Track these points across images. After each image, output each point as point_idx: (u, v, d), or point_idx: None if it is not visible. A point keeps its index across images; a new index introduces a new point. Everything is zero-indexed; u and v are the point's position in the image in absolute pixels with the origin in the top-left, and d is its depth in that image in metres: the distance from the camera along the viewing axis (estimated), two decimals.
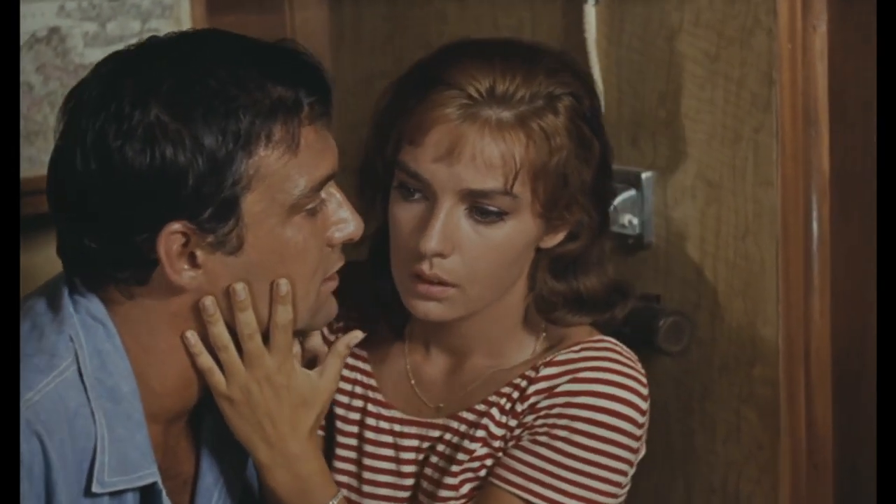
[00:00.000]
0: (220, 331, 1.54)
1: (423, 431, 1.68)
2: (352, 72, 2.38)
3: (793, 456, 1.82)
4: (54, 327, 1.51)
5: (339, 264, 1.59)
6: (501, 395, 1.65)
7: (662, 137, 1.89)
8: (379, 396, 1.71)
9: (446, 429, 1.67)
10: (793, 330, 1.79)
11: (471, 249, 1.58)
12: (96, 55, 2.10)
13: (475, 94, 1.56)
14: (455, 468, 1.64)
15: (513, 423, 1.63)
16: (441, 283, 1.58)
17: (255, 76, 1.49)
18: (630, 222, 1.92)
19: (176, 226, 1.47)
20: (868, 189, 1.70)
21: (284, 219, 1.51)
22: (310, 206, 1.52)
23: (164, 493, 1.53)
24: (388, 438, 1.69)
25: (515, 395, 1.64)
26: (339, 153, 1.57)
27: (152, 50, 1.53)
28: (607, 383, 1.60)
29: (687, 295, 1.89)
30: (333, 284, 1.59)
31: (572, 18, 1.97)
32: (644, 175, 1.91)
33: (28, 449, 1.44)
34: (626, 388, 1.60)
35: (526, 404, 1.62)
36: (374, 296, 1.71)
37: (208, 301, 1.52)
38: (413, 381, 1.71)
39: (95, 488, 1.49)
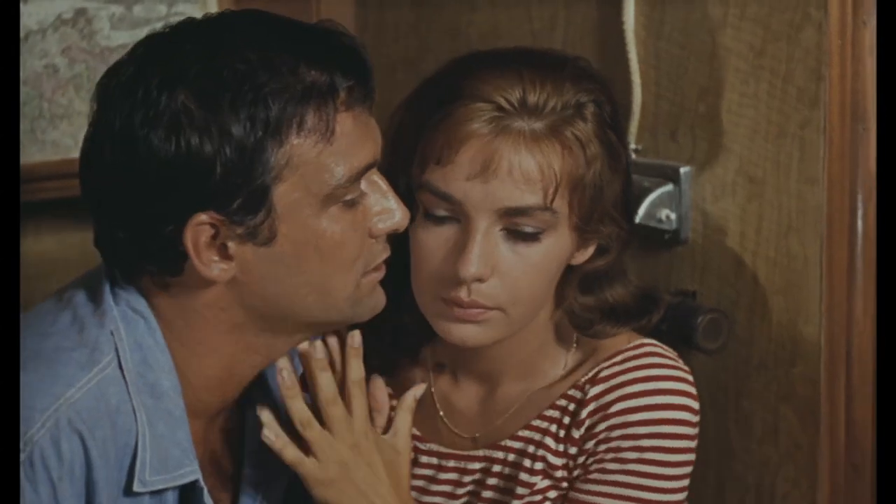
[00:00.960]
0: (299, 406, 1.49)
1: (462, 465, 1.62)
2: (375, 59, 2.34)
3: (831, 456, 1.80)
4: (95, 320, 1.47)
5: (384, 255, 1.53)
6: (548, 419, 1.60)
7: (702, 132, 1.87)
8: (414, 431, 1.63)
9: (488, 460, 1.61)
10: (835, 329, 1.77)
11: (510, 271, 1.51)
12: (122, 38, 2.08)
13: (506, 106, 1.49)
14: (515, 503, 1.59)
15: (572, 450, 1.58)
16: (482, 308, 1.51)
17: (287, 59, 1.42)
18: (667, 217, 1.90)
19: (203, 217, 1.42)
20: None
21: (319, 209, 1.45)
22: (348, 198, 1.46)
23: (205, 490, 1.50)
24: (428, 472, 1.63)
25: (566, 419, 1.59)
26: None
27: (185, 32, 1.47)
28: (659, 393, 1.56)
29: (724, 291, 1.87)
30: (378, 276, 1.53)
31: (609, 10, 1.95)
32: (682, 169, 1.88)
33: (69, 448, 1.41)
34: (678, 394, 1.57)
35: (582, 429, 1.57)
36: (388, 322, 1.62)
37: (285, 374, 1.48)
38: (442, 412, 1.65)
39: (137, 487, 1.45)
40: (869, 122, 1.74)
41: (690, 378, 1.60)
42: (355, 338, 1.52)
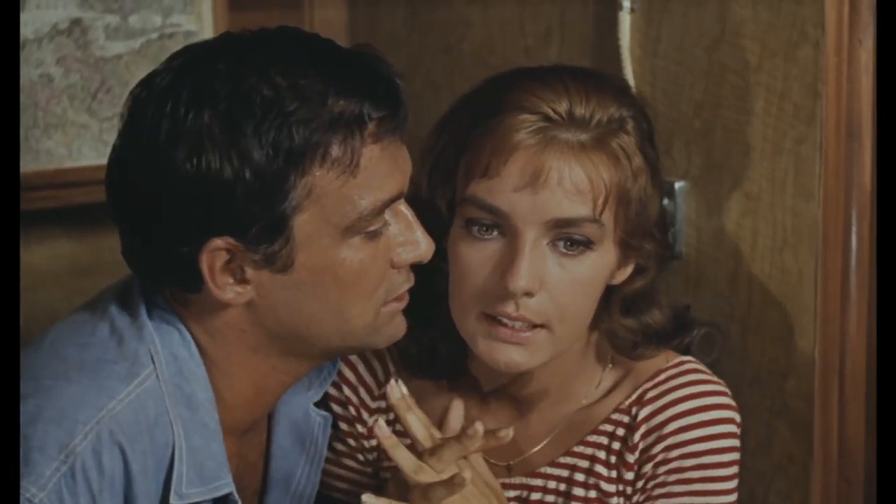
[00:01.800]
0: (404, 454, 1.45)
1: None
2: None
3: (824, 470, 1.81)
4: (133, 333, 1.46)
5: (407, 285, 1.50)
6: (593, 445, 1.59)
7: (697, 147, 1.88)
8: None
9: (525, 488, 1.60)
10: (829, 344, 1.79)
11: (557, 285, 1.49)
12: (117, 48, 2.08)
13: (554, 116, 1.48)
14: None
15: (628, 475, 1.57)
16: (527, 323, 1.49)
17: (317, 86, 1.40)
18: None
19: (219, 242, 1.41)
20: None
21: (340, 240, 1.43)
22: (371, 229, 1.44)
23: (239, 503, 1.49)
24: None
25: (616, 444, 1.58)
26: None
27: (221, 48, 1.45)
28: (710, 409, 1.57)
29: (718, 306, 1.88)
30: (400, 305, 1.50)
31: (605, 25, 1.96)
32: (677, 185, 1.90)
33: (110, 460, 1.40)
34: (725, 408, 1.58)
35: (637, 453, 1.57)
36: (413, 346, 1.61)
37: (381, 430, 1.46)
38: None
39: (174, 500, 1.44)
40: (864, 139, 1.76)
41: (728, 390, 1.60)
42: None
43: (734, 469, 1.58)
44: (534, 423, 1.61)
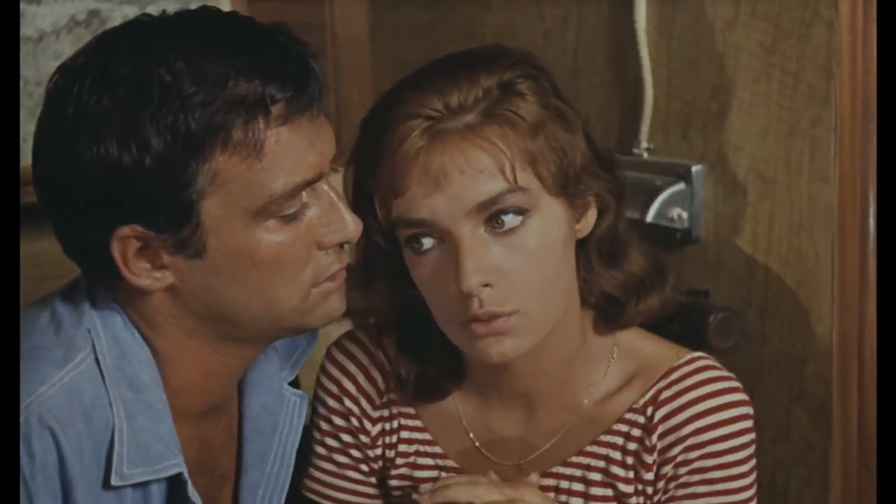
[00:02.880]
0: None
1: None
2: (389, 60, 2.35)
3: (843, 456, 1.79)
4: (72, 320, 1.47)
5: (338, 266, 1.47)
6: (607, 445, 1.57)
7: (714, 130, 1.86)
8: (450, 463, 1.61)
9: (540, 488, 1.56)
10: (847, 328, 1.76)
11: (513, 267, 1.46)
12: None
13: (433, 114, 1.45)
14: None
15: (648, 475, 1.56)
16: (499, 315, 1.46)
17: (218, 69, 1.36)
18: (679, 216, 1.89)
19: (126, 230, 1.39)
20: None
21: (252, 224, 1.40)
22: (286, 213, 1.41)
23: (189, 483, 1.48)
24: None
25: (632, 445, 1.56)
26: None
27: (131, 31, 1.43)
28: (727, 407, 1.55)
29: (736, 291, 1.86)
30: (333, 285, 1.47)
31: (621, 9, 1.95)
32: (694, 168, 1.88)
33: (41, 445, 1.40)
34: (741, 404, 1.56)
35: (655, 454, 1.55)
36: (404, 370, 1.60)
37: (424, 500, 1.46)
38: (477, 443, 1.61)
39: (114, 481, 1.44)
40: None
41: (739, 383, 1.59)
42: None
43: (752, 463, 1.57)
44: (542, 420, 1.59)
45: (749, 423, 1.56)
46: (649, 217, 1.87)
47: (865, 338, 1.77)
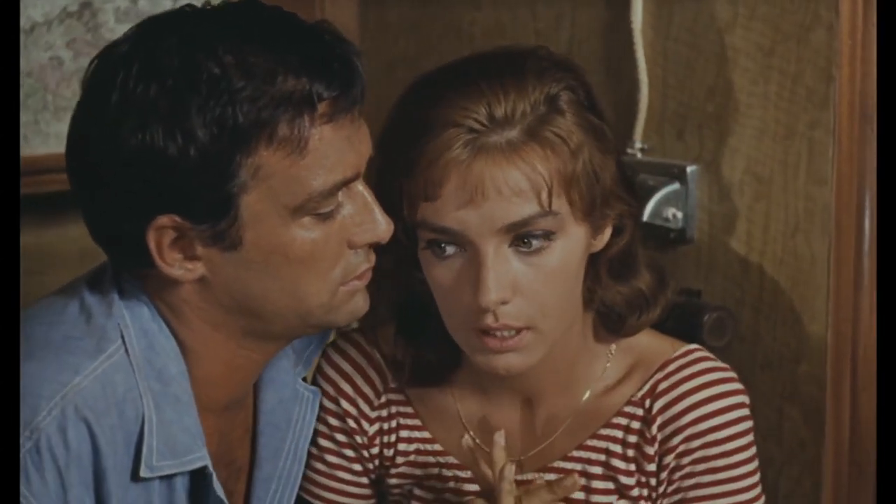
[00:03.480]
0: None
1: None
2: (375, 56, 2.34)
3: (836, 455, 1.81)
4: (102, 310, 1.46)
5: (367, 265, 1.48)
6: (607, 438, 1.58)
7: (709, 131, 1.87)
8: (450, 459, 1.61)
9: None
10: (841, 328, 1.78)
11: (531, 285, 1.46)
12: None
13: (476, 126, 1.44)
14: None
15: (650, 467, 1.57)
16: (512, 330, 1.47)
17: (266, 64, 1.38)
18: (673, 216, 1.90)
19: (164, 220, 1.40)
20: None
21: (289, 220, 1.41)
22: (322, 210, 1.42)
23: (213, 476, 1.49)
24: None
25: (631, 438, 1.57)
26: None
27: (177, 21, 1.44)
28: (724, 396, 1.57)
29: (729, 290, 1.88)
30: (360, 284, 1.49)
31: (617, 8, 1.95)
32: (689, 169, 1.89)
33: (76, 435, 1.40)
34: (738, 393, 1.58)
35: (656, 445, 1.56)
36: (401, 355, 1.60)
37: None
38: (478, 440, 1.60)
39: (144, 472, 1.45)
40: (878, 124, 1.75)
41: (735, 374, 1.60)
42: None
43: (754, 451, 1.59)
44: (542, 416, 1.60)
45: (746, 412, 1.58)
46: (644, 217, 1.88)
47: (860, 338, 1.79)
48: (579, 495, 1.58)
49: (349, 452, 1.65)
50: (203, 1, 1.49)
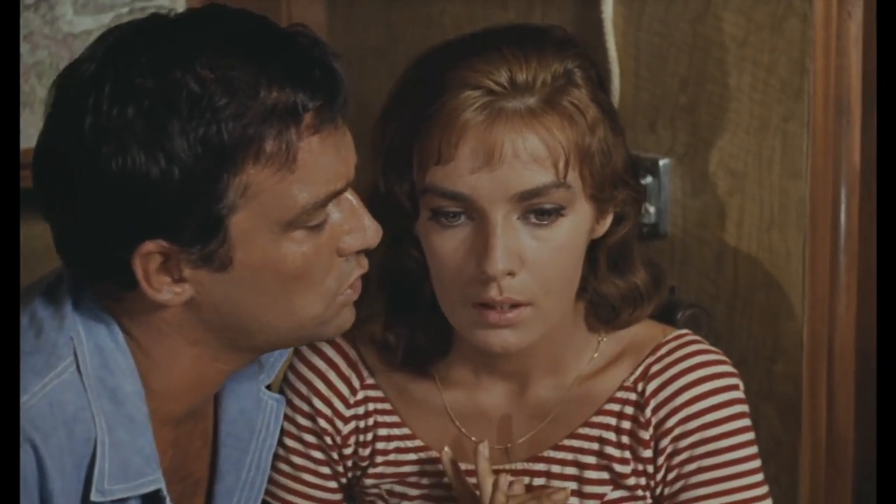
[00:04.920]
0: None
1: None
2: (345, 47, 2.31)
3: (812, 454, 1.78)
4: (54, 324, 1.41)
5: (359, 272, 1.45)
6: (599, 426, 1.55)
7: (682, 124, 1.84)
8: (433, 454, 1.57)
9: (529, 473, 1.55)
10: (817, 326, 1.75)
11: (537, 259, 1.45)
12: (86, 23, 2.02)
13: (496, 88, 1.43)
14: None
15: (646, 453, 1.53)
16: (514, 305, 1.45)
17: (246, 76, 1.32)
18: (646, 210, 1.87)
19: (151, 245, 1.34)
20: None
21: (280, 235, 1.37)
22: (313, 223, 1.38)
23: (167, 500, 1.44)
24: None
25: (625, 424, 1.54)
26: None
27: (147, 36, 1.37)
28: (718, 377, 1.54)
29: (704, 287, 1.85)
30: (353, 295, 1.45)
31: None
32: (662, 162, 1.86)
33: (22, 458, 1.34)
34: (731, 375, 1.55)
35: (650, 429, 1.53)
36: (392, 337, 1.57)
37: None
38: (464, 429, 1.57)
39: (95, 497, 1.39)
40: (853, 116, 1.72)
41: (727, 357, 1.58)
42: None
43: (752, 434, 1.55)
44: (530, 402, 1.57)
45: (742, 395, 1.55)
46: None
47: (836, 336, 1.77)
48: (572, 485, 1.55)
49: (317, 454, 1.62)
50: (167, 8, 1.44)
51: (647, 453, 1.54)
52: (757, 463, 1.55)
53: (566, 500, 1.52)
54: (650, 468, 1.54)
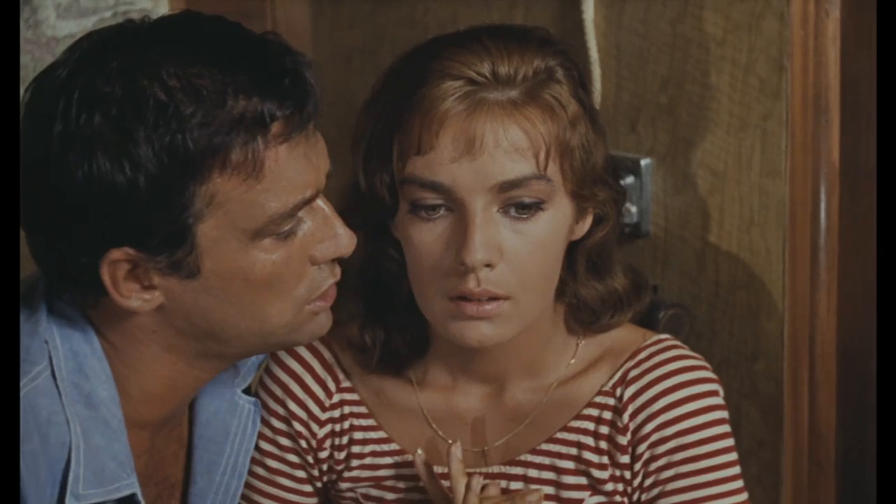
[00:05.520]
0: None
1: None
2: (329, 47, 2.31)
3: (795, 453, 1.78)
4: (27, 329, 1.41)
5: (332, 280, 1.45)
6: (577, 430, 1.54)
7: (663, 123, 1.84)
8: (408, 458, 1.57)
9: (506, 477, 1.55)
10: (798, 324, 1.76)
11: (516, 252, 1.45)
12: (69, 27, 2.03)
13: (478, 79, 1.43)
14: None
15: (623, 458, 1.53)
16: (492, 298, 1.45)
17: (214, 85, 1.33)
18: (627, 210, 1.87)
19: (118, 253, 1.35)
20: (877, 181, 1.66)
21: (248, 244, 1.37)
22: (282, 231, 1.38)
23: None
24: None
25: (603, 429, 1.54)
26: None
27: (117, 40, 1.38)
28: (697, 382, 1.53)
29: (685, 286, 1.85)
30: (325, 304, 1.45)
31: None
32: (643, 162, 1.86)
33: None
34: (710, 381, 1.54)
35: (628, 434, 1.53)
36: (369, 339, 1.57)
37: None
38: (441, 431, 1.57)
39: (69, 501, 1.39)
40: (832, 114, 1.72)
41: (707, 363, 1.58)
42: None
43: (732, 440, 1.54)
44: (508, 405, 1.57)
45: (721, 401, 1.55)
46: None
47: (817, 334, 1.77)
48: (549, 490, 1.55)
49: (292, 458, 1.62)
50: (143, 14, 1.44)
51: (625, 459, 1.53)
52: (736, 469, 1.54)
53: (539, 502, 1.51)
54: (627, 474, 1.54)
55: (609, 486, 1.54)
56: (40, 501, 1.39)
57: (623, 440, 1.53)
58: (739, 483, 1.54)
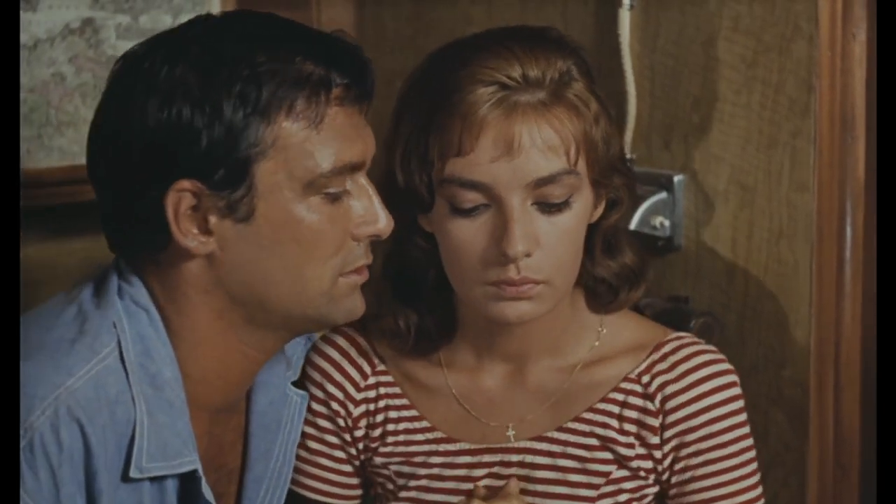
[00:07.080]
0: None
1: (498, 458, 1.64)
2: (373, 48, 2.38)
3: (820, 457, 1.84)
4: (98, 313, 1.51)
5: (365, 260, 1.55)
6: (603, 413, 1.63)
7: (695, 141, 1.91)
8: (439, 434, 1.66)
9: (531, 452, 1.63)
10: (824, 333, 1.81)
11: (550, 241, 1.55)
12: (128, 47, 2.09)
13: (510, 83, 1.53)
14: (585, 492, 1.62)
15: (654, 439, 1.62)
16: (533, 282, 1.55)
17: (287, 51, 1.47)
18: (661, 224, 1.94)
19: (185, 183, 1.46)
20: None
21: (300, 195, 1.48)
22: (330, 190, 1.49)
23: (203, 480, 1.53)
24: (461, 472, 1.64)
25: (629, 413, 1.62)
26: None
27: (195, 24, 1.53)
28: (720, 374, 1.62)
29: (716, 297, 1.91)
30: (359, 279, 1.55)
31: (605, 22, 1.99)
32: (676, 178, 1.93)
33: (68, 435, 1.44)
34: (730, 373, 1.63)
35: (660, 417, 1.62)
36: (402, 322, 1.65)
37: None
38: (468, 407, 1.66)
39: (134, 473, 1.48)
40: (858, 132, 1.78)
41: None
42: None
43: (749, 427, 1.63)
44: (531, 385, 1.65)
45: (740, 391, 1.64)
46: (632, 225, 1.92)
47: (842, 343, 1.82)
48: (567, 463, 1.63)
49: (332, 439, 1.70)
50: (203, 14, 1.56)
51: (655, 440, 1.62)
52: (753, 453, 1.63)
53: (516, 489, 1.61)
54: (658, 453, 1.62)
55: (635, 464, 1.62)
56: (109, 473, 1.47)
57: (654, 422, 1.62)
58: (756, 465, 1.64)
